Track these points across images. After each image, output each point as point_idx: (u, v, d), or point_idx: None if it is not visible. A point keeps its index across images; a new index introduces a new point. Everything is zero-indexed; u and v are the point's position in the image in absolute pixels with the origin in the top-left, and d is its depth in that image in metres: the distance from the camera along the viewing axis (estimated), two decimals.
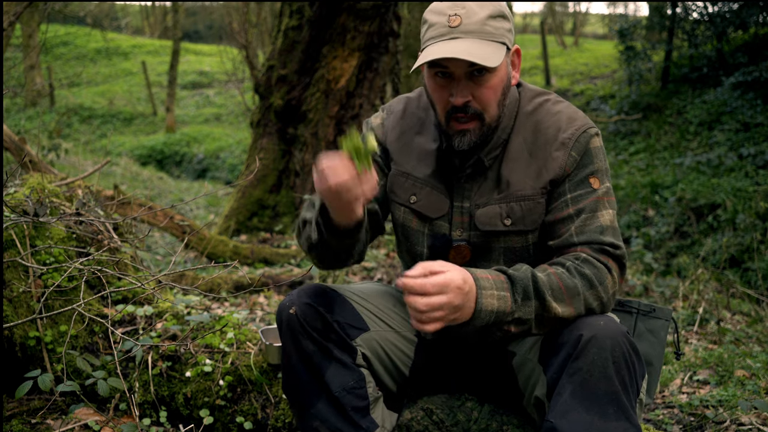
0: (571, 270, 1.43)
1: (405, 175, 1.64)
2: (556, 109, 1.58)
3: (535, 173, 1.54)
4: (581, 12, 29.38)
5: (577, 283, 1.41)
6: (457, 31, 1.45)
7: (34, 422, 1.88)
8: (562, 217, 1.51)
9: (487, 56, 1.43)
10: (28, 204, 2.11)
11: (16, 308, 1.99)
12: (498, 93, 1.50)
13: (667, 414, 2.41)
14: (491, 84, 1.48)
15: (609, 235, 1.48)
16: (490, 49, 1.45)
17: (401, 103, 1.72)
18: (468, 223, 1.58)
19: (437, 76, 1.50)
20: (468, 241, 1.59)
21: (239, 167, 12.25)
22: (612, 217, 1.51)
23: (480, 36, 1.45)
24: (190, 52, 22.82)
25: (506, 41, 1.49)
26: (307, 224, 1.56)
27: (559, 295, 1.40)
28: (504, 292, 1.38)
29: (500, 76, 1.50)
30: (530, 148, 1.55)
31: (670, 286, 4.75)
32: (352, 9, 5.43)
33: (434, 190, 1.61)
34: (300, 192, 5.69)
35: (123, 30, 28.44)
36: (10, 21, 3.40)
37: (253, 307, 3.64)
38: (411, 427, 1.73)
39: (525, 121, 1.58)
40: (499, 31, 1.48)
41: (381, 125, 1.71)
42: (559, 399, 1.34)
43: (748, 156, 8.12)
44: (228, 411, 1.95)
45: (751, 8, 10.15)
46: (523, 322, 1.40)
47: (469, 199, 1.58)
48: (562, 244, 1.50)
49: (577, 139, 1.53)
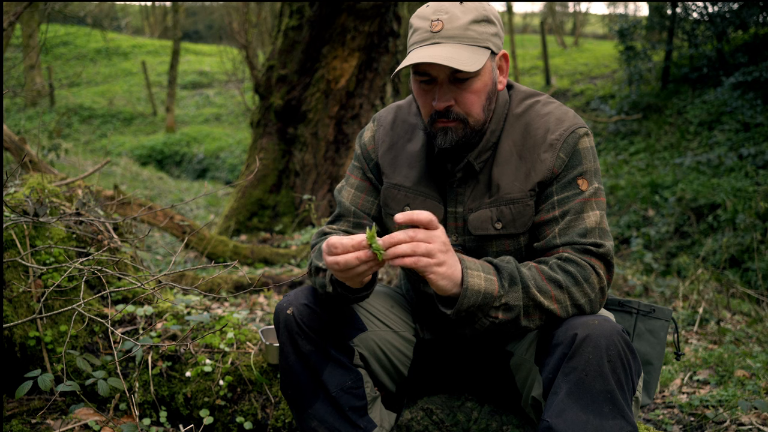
0: (554, 267, 1.44)
1: (397, 187, 1.64)
2: (546, 111, 1.58)
3: (523, 176, 1.53)
4: (581, 12, 29.39)
5: (560, 278, 1.42)
6: (439, 36, 1.46)
7: (34, 422, 1.89)
8: (547, 219, 1.51)
9: (467, 61, 1.43)
10: (28, 204, 2.11)
11: (16, 308, 1.99)
12: (482, 97, 1.50)
13: (667, 414, 2.41)
14: (474, 88, 1.48)
15: (592, 236, 1.47)
16: (471, 53, 1.45)
17: (391, 113, 1.72)
18: (462, 228, 1.58)
19: (422, 82, 1.51)
20: (463, 246, 1.59)
21: (239, 167, 12.26)
22: (599, 218, 1.50)
23: (461, 41, 1.46)
24: (190, 52, 22.82)
25: (490, 45, 1.49)
26: (320, 272, 1.56)
27: (542, 287, 1.41)
28: (491, 276, 1.39)
29: (484, 81, 1.49)
30: (519, 151, 1.55)
31: (670, 286, 4.75)
32: (352, 9, 5.43)
33: (427, 198, 1.61)
34: (300, 192, 5.69)
35: (123, 30, 28.44)
36: (10, 21, 3.40)
37: (253, 307, 3.64)
38: (411, 427, 1.73)
39: (514, 124, 1.58)
40: (483, 35, 1.48)
41: (372, 138, 1.71)
42: (555, 398, 1.35)
43: (748, 156, 8.12)
44: (228, 411, 1.95)
45: (751, 8, 10.15)
46: (510, 308, 1.40)
47: (462, 204, 1.58)
48: (546, 246, 1.50)
49: (565, 140, 1.52)
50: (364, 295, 1.52)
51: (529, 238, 1.56)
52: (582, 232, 1.47)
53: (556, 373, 1.37)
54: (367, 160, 1.70)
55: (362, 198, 1.69)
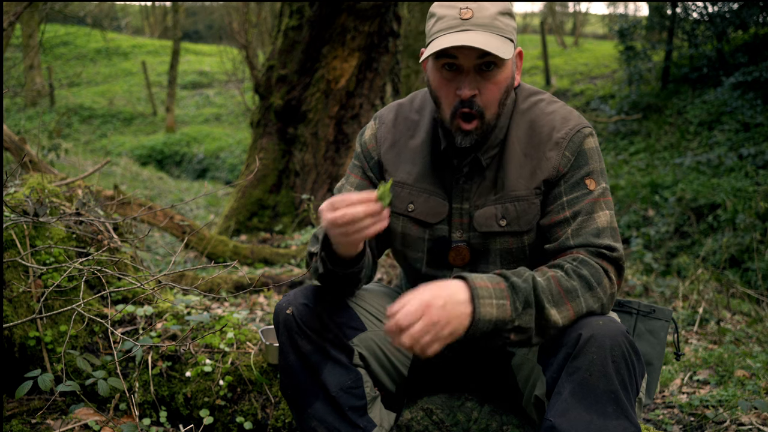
0: (569, 272, 1.42)
1: (400, 185, 1.63)
2: (551, 109, 1.58)
3: (529, 173, 1.53)
4: (581, 12, 29.39)
5: (575, 284, 1.41)
6: (469, 23, 1.45)
7: (34, 422, 1.89)
8: (559, 221, 1.51)
9: (500, 49, 1.43)
10: (28, 204, 2.11)
11: (16, 308, 1.99)
12: (502, 91, 1.50)
13: (667, 414, 2.41)
14: (498, 80, 1.48)
15: (606, 237, 1.47)
16: (501, 43, 1.45)
17: (392, 111, 1.71)
18: (467, 224, 1.58)
19: (444, 70, 1.49)
20: (467, 242, 1.58)
21: (239, 167, 12.26)
22: (609, 217, 1.50)
23: (491, 30, 1.45)
24: (190, 52, 22.82)
25: (513, 39, 1.50)
26: (313, 257, 1.57)
27: (558, 300, 1.39)
28: (503, 301, 1.37)
29: (506, 74, 1.50)
30: (525, 148, 1.55)
31: (670, 286, 4.76)
32: (352, 9, 5.43)
33: (432, 195, 1.60)
34: (300, 192, 5.69)
35: (123, 30, 28.44)
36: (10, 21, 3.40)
37: (253, 307, 3.64)
38: (411, 427, 1.73)
39: (520, 121, 1.58)
40: (508, 28, 1.49)
41: (374, 136, 1.70)
42: (559, 398, 1.35)
43: (748, 156, 8.12)
44: (228, 411, 1.95)
45: (751, 8, 10.15)
46: (523, 331, 1.38)
47: (468, 200, 1.58)
48: (559, 247, 1.50)
49: (570, 139, 1.52)
50: (355, 271, 1.51)
51: (534, 237, 1.55)
52: (595, 232, 1.47)
53: (560, 372, 1.37)
54: (367, 158, 1.70)
55: None
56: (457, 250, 1.59)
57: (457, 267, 1.61)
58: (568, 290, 1.40)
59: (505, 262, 1.58)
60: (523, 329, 1.38)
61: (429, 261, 1.63)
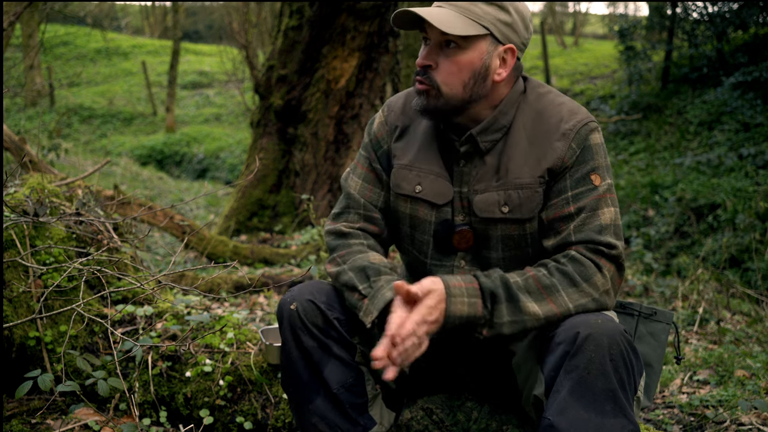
0: (551, 270, 1.45)
1: (408, 167, 1.64)
2: (559, 101, 1.59)
3: (534, 161, 1.54)
4: (581, 12, 29.39)
5: (555, 281, 1.43)
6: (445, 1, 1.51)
7: (34, 422, 1.89)
8: (563, 215, 1.51)
9: (452, 25, 1.46)
10: (28, 204, 2.11)
11: (16, 308, 1.99)
12: (462, 73, 1.51)
13: (667, 414, 2.41)
14: (457, 59, 1.50)
15: (608, 234, 1.48)
16: (461, 22, 1.48)
17: (401, 98, 1.73)
18: (468, 208, 1.59)
19: (423, 42, 1.56)
20: (470, 226, 1.59)
21: (239, 167, 12.25)
22: (613, 214, 1.50)
23: (461, 10, 1.49)
24: (190, 52, 22.81)
25: (492, 29, 1.50)
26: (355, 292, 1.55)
27: (537, 296, 1.43)
28: (475, 299, 1.42)
29: (470, 57, 1.50)
30: (530, 137, 1.56)
31: (670, 286, 4.75)
32: (352, 9, 5.43)
33: (438, 177, 1.61)
34: (300, 192, 5.69)
35: (123, 30, 28.43)
36: (10, 21, 3.40)
37: (253, 307, 3.64)
38: (411, 426, 1.73)
39: (527, 110, 1.58)
40: (488, 16, 1.49)
41: (383, 124, 1.71)
42: (557, 396, 1.35)
43: (748, 156, 8.12)
44: (228, 411, 1.95)
45: (751, 8, 10.15)
46: (493, 326, 1.43)
47: (467, 184, 1.58)
48: (560, 242, 1.50)
49: (578, 131, 1.53)
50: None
51: (537, 227, 1.56)
52: (597, 229, 1.48)
53: (558, 371, 1.37)
54: (375, 147, 1.71)
55: (369, 189, 1.69)
56: (461, 234, 1.59)
57: (461, 251, 1.61)
58: (547, 286, 1.43)
59: (506, 248, 1.58)
60: (493, 324, 1.43)
61: (435, 244, 1.63)
